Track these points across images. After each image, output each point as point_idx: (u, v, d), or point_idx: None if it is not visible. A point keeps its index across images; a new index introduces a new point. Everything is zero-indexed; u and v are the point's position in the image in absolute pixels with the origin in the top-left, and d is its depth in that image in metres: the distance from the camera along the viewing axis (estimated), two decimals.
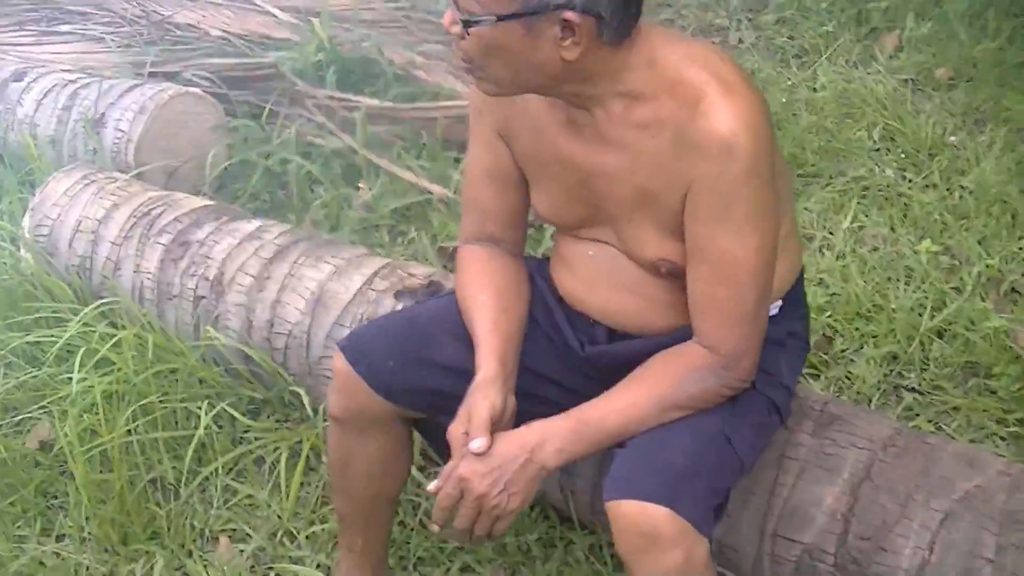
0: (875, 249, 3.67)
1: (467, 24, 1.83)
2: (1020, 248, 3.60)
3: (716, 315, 1.97)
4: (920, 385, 3.16)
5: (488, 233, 2.27)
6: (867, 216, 3.82)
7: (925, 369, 3.21)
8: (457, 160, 4.15)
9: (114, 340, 3.08)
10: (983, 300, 3.39)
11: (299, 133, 4.24)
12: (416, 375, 2.22)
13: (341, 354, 2.25)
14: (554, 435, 1.97)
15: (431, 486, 2.02)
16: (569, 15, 1.80)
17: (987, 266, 3.51)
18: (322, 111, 4.36)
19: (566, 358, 2.25)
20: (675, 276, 2.03)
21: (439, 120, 4.23)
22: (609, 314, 2.18)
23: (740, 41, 5.18)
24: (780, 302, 2.20)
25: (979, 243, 3.63)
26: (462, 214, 2.33)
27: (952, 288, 3.45)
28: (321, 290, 3.03)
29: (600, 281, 2.15)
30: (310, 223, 3.93)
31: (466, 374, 2.11)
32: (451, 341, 2.23)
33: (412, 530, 2.80)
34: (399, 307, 2.90)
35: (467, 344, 2.17)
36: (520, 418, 2.06)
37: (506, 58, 1.86)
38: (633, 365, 2.06)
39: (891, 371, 3.21)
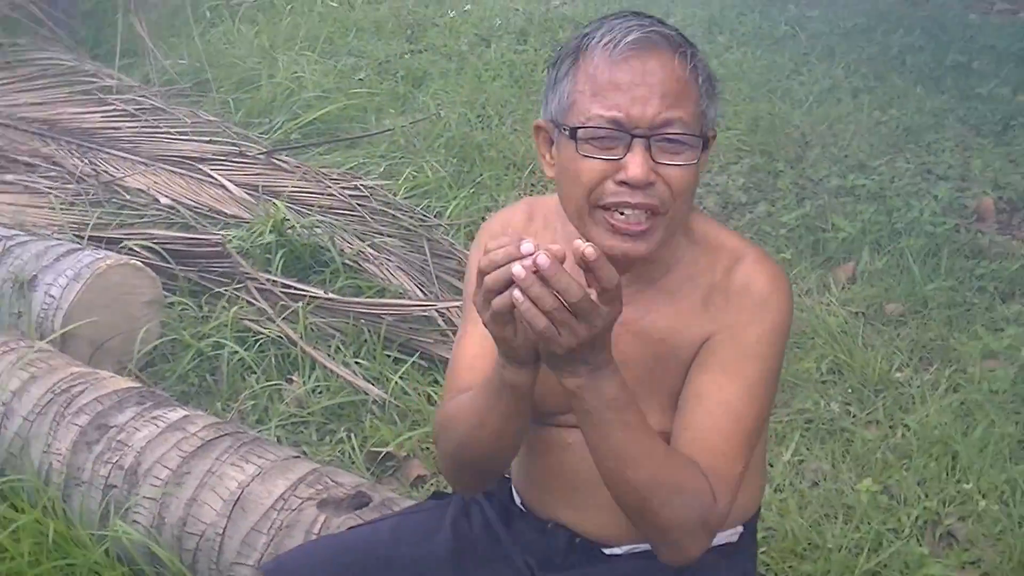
0: (815, 484, 3.59)
1: (705, 144, 1.82)
2: (959, 492, 3.53)
3: (703, 466, 1.82)
4: None
5: None
6: (809, 450, 3.74)
7: None
8: (396, 360, 4.01)
9: (12, 527, 2.88)
10: (919, 544, 3.33)
11: (237, 317, 4.08)
12: None
13: None
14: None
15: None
16: (714, 132, 1.87)
17: (924, 508, 3.45)
18: (264, 296, 4.21)
19: None
20: None
21: (383, 318, 4.09)
22: (579, 516, 2.04)
23: None
24: (741, 528, 2.10)
25: (919, 484, 3.56)
26: (448, 383, 2.11)
27: (889, 529, 3.38)
28: (242, 492, 2.86)
29: (576, 476, 1.99)
30: (237, 413, 3.76)
31: None
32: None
33: None
34: (322, 518, 2.74)
35: None
36: None
37: (694, 189, 1.85)
38: None
39: None
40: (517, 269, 1.58)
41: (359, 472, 3.43)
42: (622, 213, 1.79)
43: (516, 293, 1.60)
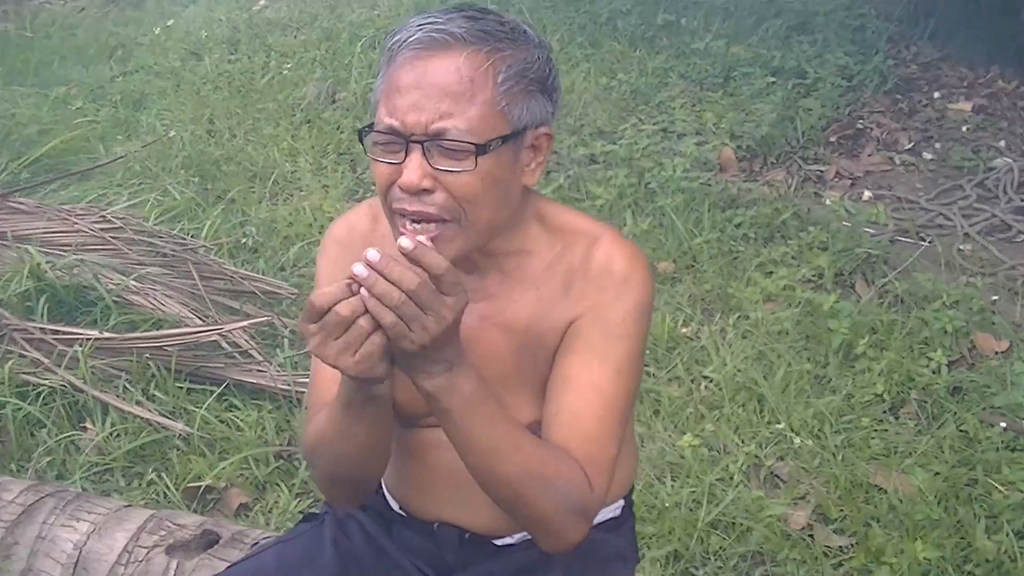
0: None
1: (481, 150, 1.71)
2: (772, 432, 3.66)
3: (576, 452, 1.80)
4: None
5: None
6: None
7: (707, 562, 3.21)
8: (190, 391, 3.87)
9: None
10: (747, 487, 3.45)
11: (13, 371, 3.84)
12: None
13: None
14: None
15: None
16: (547, 129, 1.80)
17: (746, 454, 3.56)
18: (35, 345, 3.98)
19: None
20: None
21: (167, 349, 3.93)
22: (465, 512, 2.00)
23: None
24: (622, 502, 2.14)
25: (734, 432, 3.68)
26: (310, 402, 2.03)
27: (718, 479, 3.47)
28: (80, 552, 2.71)
29: (456, 472, 1.89)
30: (34, 472, 3.54)
31: None
32: None
33: None
34: (174, 563, 2.63)
35: None
36: None
37: (493, 193, 1.75)
38: None
39: (676, 571, 3.18)
40: (359, 268, 1.57)
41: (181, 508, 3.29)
42: (415, 222, 1.75)
43: (363, 291, 1.57)
